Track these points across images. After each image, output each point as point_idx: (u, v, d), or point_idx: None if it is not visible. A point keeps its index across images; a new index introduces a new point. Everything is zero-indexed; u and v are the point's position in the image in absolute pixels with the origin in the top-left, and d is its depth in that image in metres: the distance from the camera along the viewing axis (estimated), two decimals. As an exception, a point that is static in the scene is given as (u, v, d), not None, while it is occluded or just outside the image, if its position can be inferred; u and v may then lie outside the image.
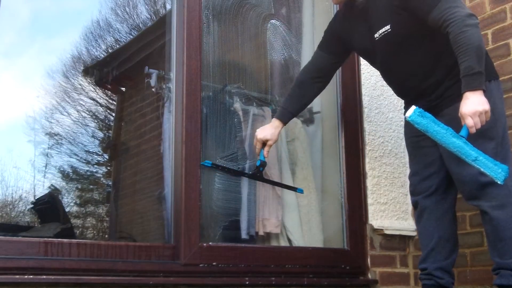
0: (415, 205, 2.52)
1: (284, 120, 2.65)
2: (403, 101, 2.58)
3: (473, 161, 2.08)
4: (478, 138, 2.12)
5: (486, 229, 2.28)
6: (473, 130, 2.07)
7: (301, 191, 2.87)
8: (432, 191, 2.43)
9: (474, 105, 2.05)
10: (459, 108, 2.11)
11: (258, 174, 2.69)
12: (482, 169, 2.08)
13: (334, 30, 2.62)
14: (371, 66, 2.66)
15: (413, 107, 2.15)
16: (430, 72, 2.33)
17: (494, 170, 2.07)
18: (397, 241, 2.99)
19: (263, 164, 2.66)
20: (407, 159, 3.11)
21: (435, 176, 2.41)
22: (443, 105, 2.31)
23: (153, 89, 3.13)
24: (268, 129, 2.62)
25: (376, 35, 2.36)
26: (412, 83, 2.40)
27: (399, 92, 2.56)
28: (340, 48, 2.62)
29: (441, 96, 2.32)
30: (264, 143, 2.62)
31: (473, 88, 2.07)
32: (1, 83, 4.06)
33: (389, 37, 2.33)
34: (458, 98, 2.13)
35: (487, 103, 2.06)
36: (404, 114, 2.24)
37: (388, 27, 2.31)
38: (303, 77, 2.68)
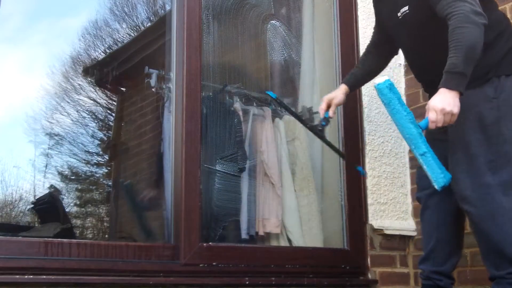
0: (418, 200, 2.48)
1: (348, 83, 2.59)
2: (422, 84, 2.50)
3: (420, 155, 2.02)
4: (492, 136, 2.09)
5: (476, 239, 2.20)
6: (432, 126, 2.02)
7: (362, 172, 2.81)
8: (434, 189, 2.39)
9: (443, 103, 1.99)
10: (472, 96, 2.07)
11: (319, 128, 2.58)
12: (425, 167, 2.02)
13: (375, 5, 2.58)
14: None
15: (386, 77, 2.10)
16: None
17: (436, 173, 2.01)
18: (397, 241, 2.99)
19: (327, 120, 2.56)
20: (407, 159, 3.12)
21: None
22: None
23: (153, 89, 3.13)
24: (334, 91, 2.58)
25: (399, 14, 2.32)
26: (432, 65, 2.30)
27: (419, 73, 2.48)
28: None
29: None
30: (329, 105, 2.53)
31: (450, 87, 2.00)
32: (4, 71, 4.06)
33: (408, 18, 2.29)
34: (472, 84, 2.06)
35: (457, 107, 2.00)
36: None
37: (406, 8, 2.28)
38: (366, 51, 2.69)
